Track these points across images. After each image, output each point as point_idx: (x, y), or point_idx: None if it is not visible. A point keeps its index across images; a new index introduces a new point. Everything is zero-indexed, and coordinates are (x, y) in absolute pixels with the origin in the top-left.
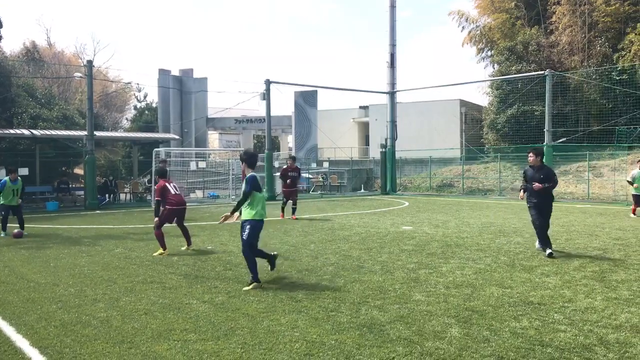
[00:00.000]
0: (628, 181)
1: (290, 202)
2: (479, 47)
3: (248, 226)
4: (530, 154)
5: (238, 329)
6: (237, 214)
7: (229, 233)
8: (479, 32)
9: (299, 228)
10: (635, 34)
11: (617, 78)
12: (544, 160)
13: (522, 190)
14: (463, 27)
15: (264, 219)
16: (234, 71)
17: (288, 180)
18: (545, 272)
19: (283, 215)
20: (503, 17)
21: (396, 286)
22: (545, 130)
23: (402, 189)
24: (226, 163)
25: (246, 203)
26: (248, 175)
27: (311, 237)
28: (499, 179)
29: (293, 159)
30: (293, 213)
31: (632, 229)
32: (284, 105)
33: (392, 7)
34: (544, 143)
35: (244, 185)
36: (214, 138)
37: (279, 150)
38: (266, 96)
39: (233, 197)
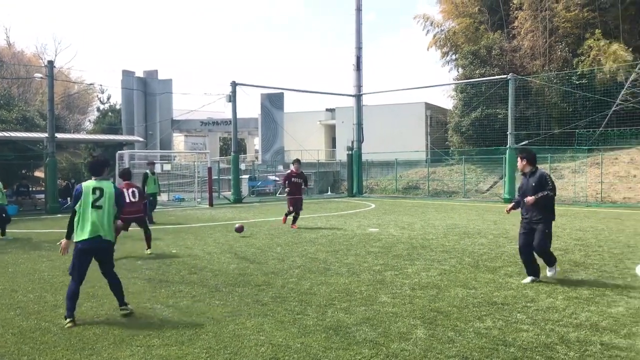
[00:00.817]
0: None
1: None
2: (443, 50)
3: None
4: (519, 158)
5: (203, 334)
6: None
7: (194, 236)
8: (443, 36)
9: (265, 231)
10: (594, 40)
11: (577, 82)
12: (535, 164)
13: (511, 203)
14: (428, 31)
15: (96, 240)
16: (199, 73)
17: (290, 188)
18: (508, 272)
19: (285, 220)
20: (467, 21)
21: (362, 288)
22: (508, 133)
23: (368, 191)
24: (192, 165)
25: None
26: (76, 186)
27: (277, 239)
28: (464, 181)
29: (298, 162)
30: (294, 222)
31: (592, 230)
32: (250, 107)
33: (358, 10)
34: (507, 146)
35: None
36: (179, 140)
37: (245, 153)
38: (232, 98)
39: (199, 199)
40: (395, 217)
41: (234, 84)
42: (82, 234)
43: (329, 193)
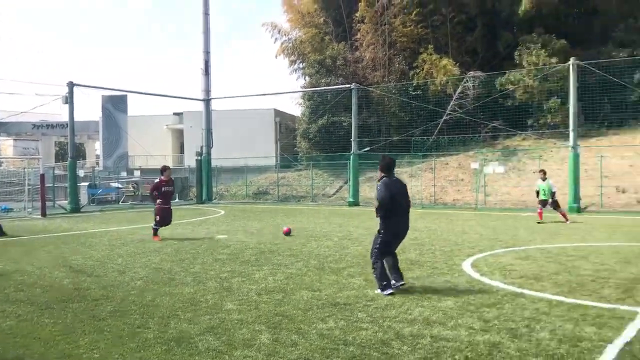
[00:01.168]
0: (536, 191)
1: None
2: (291, 59)
3: None
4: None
5: (27, 356)
6: None
7: (22, 250)
8: (291, 44)
9: (106, 241)
10: (427, 54)
11: (413, 93)
12: (390, 171)
13: None
14: (276, 39)
15: None
16: (31, 72)
17: (162, 198)
18: (351, 273)
19: (157, 237)
20: (313, 31)
21: (208, 297)
22: (352, 139)
23: (218, 197)
24: (21, 172)
25: None
26: None
27: (119, 250)
28: (312, 186)
29: (168, 169)
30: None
31: (426, 230)
32: (90, 110)
33: (206, 14)
34: (351, 152)
35: None
36: (7, 144)
37: (84, 158)
38: (69, 99)
39: (29, 209)
40: (245, 222)
41: (71, 84)
42: None
43: (177, 200)
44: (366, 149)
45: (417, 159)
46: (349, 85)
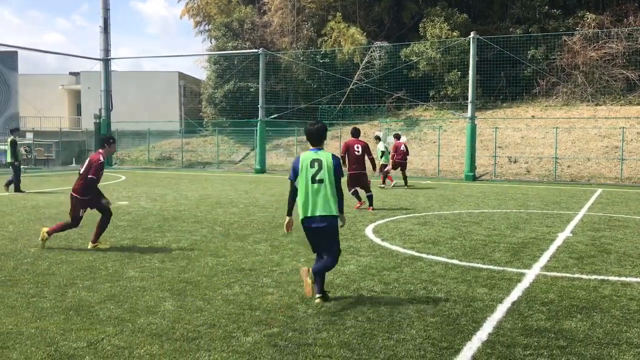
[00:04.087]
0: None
1: None
2: (196, 20)
3: None
4: None
5: None
6: None
7: None
8: (196, 5)
9: None
10: (335, 22)
11: (321, 61)
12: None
13: None
14: None
15: None
16: None
17: None
18: (257, 239)
19: None
20: None
21: (108, 264)
22: (259, 106)
23: (119, 162)
24: None
25: None
26: None
27: (10, 217)
28: (217, 152)
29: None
30: None
31: None
32: None
33: None
34: (258, 118)
35: None
36: None
37: None
38: None
39: None
40: (147, 189)
41: None
42: None
43: (74, 165)
44: (274, 116)
45: None
46: (256, 50)
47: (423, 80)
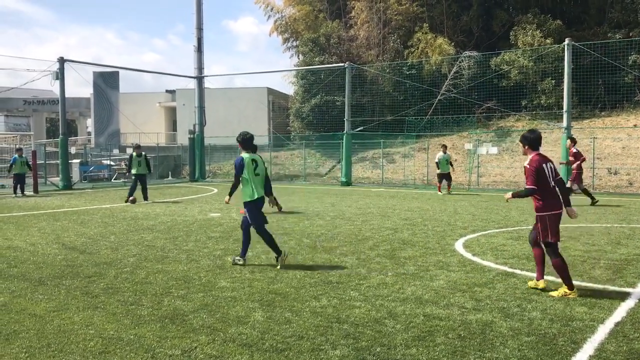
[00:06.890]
0: (436, 163)
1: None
2: (284, 37)
3: None
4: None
5: (22, 332)
6: None
7: (15, 226)
8: (284, 22)
9: (98, 219)
10: (422, 33)
11: (407, 72)
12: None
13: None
14: (269, 17)
15: None
16: (21, 48)
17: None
18: (343, 252)
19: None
20: (307, 9)
21: (201, 274)
22: (345, 119)
23: (211, 175)
24: (13, 149)
25: None
26: None
27: (112, 227)
28: (304, 165)
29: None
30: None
31: (418, 210)
32: (82, 86)
33: None
34: (344, 131)
35: None
36: None
37: (76, 135)
38: (59, 76)
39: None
40: (238, 201)
41: (62, 60)
42: None
43: (170, 178)
44: (359, 129)
45: (410, 139)
46: (342, 64)
47: (514, 90)
